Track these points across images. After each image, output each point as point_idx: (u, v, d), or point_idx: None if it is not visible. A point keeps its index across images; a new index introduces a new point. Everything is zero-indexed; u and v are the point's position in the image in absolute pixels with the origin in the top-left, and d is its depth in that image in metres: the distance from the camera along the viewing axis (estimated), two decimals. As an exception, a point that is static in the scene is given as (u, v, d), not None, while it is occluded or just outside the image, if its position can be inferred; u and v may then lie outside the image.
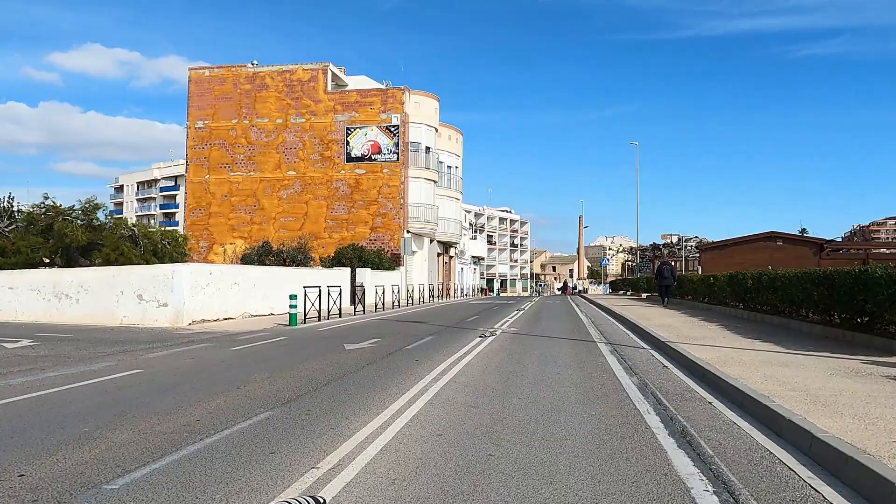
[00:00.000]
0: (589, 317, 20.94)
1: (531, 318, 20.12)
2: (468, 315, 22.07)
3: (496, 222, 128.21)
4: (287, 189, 39.21)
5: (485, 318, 20.11)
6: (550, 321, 19.00)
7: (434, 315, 22.40)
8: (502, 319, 19.28)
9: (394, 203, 38.19)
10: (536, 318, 20.54)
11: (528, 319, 19.64)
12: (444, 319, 19.70)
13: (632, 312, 20.29)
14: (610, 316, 20.95)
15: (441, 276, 49.10)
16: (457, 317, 21.17)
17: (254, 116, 39.74)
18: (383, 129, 38.42)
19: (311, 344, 12.61)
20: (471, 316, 21.47)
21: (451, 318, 20.69)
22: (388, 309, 25.56)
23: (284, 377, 8.31)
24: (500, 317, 20.75)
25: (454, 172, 48.62)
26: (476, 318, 20.10)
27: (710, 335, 12.23)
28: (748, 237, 34.82)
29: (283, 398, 6.95)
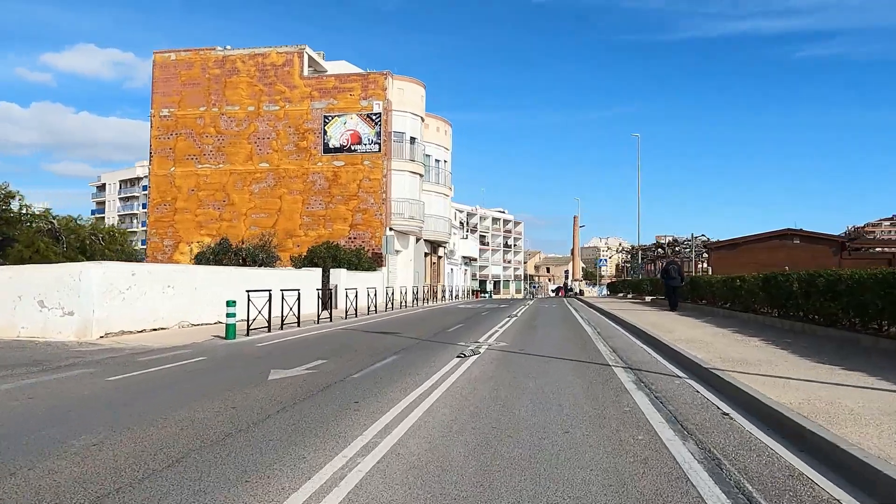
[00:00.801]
0: (592, 325, 17.86)
1: (525, 327, 17.03)
2: (452, 323, 18.96)
3: (489, 222, 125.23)
4: (259, 182, 36.02)
5: (470, 327, 17.01)
6: (548, 331, 15.91)
7: (412, 323, 19.28)
8: (491, 329, 16.18)
9: (375, 198, 35.04)
10: (530, 326, 17.45)
11: (521, 329, 16.54)
12: (423, 329, 16.58)
13: (642, 320, 17.22)
14: (617, 324, 17.87)
15: (429, 277, 45.99)
16: (438, 325, 18.06)
17: (223, 104, 36.53)
18: (364, 118, 35.28)
19: (230, 368, 9.46)
20: (455, 324, 18.36)
21: (431, 326, 17.58)
22: (363, 315, 22.43)
23: (118, 445, 5.13)
24: (489, 325, 17.65)
25: (443, 167, 45.50)
26: (460, 328, 16.99)
27: (762, 357, 9.14)
28: (761, 235, 31.85)
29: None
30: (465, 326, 17.53)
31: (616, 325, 17.77)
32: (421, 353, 11.19)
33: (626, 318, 18.31)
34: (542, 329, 16.48)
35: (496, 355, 10.69)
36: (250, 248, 23.85)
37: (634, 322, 16.53)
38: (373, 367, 9.32)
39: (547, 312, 25.29)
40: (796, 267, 25.68)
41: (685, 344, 10.94)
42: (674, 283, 24.53)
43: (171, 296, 15.55)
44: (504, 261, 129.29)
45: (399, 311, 25.91)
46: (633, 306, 27.51)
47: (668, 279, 24.90)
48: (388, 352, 11.25)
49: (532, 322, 19.07)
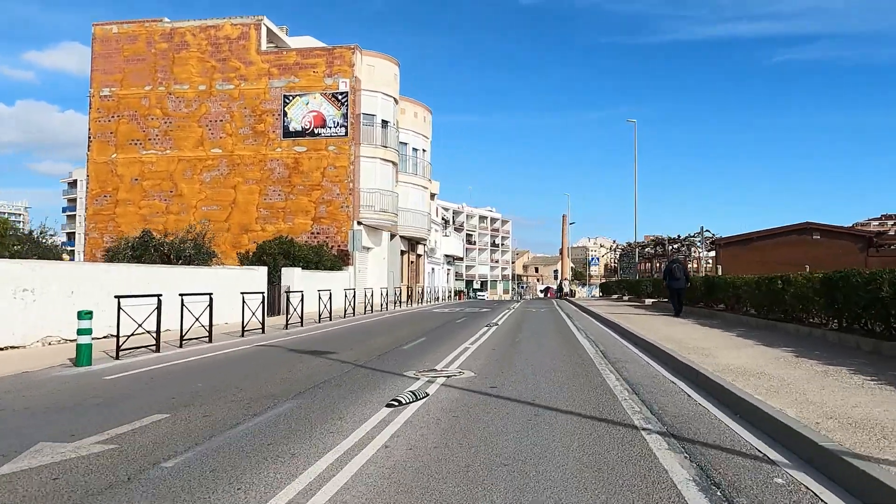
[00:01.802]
0: (591, 338, 14.01)
1: (504, 343, 13.14)
2: (414, 335, 15.06)
3: (476, 220, 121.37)
4: (211, 171, 31.92)
5: (434, 342, 13.12)
6: (534, 349, 12.01)
7: (366, 334, 15.36)
8: (460, 346, 12.28)
9: (341, 188, 31.06)
10: (512, 342, 13.55)
11: (500, 345, 12.65)
12: (372, 344, 12.67)
13: (657, 332, 13.40)
14: (624, 338, 14.03)
15: (407, 277, 42.05)
16: (395, 338, 14.15)
17: (171, 82, 32.41)
18: (329, 98, 31.29)
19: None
20: (416, 337, 14.45)
21: (385, 340, 13.67)
22: (315, 323, 18.51)
23: None
24: (459, 339, 13.77)
25: (422, 156, 41.57)
26: (421, 343, 13.09)
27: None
28: (777, 230, 28.16)
29: None
30: (429, 340, 13.63)
31: (623, 339, 13.90)
32: (336, 395, 7.27)
33: (632, 328, 14.48)
34: (527, 346, 12.57)
35: (451, 402, 6.78)
36: (175, 243, 19.78)
37: (644, 335, 12.71)
38: (224, 437, 5.39)
39: (534, 319, 21.43)
40: (818, 266, 21.96)
41: (743, 380, 7.09)
42: (677, 284, 20.84)
43: (29, 303, 11.52)
44: (491, 260, 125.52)
45: (363, 317, 21.97)
46: (632, 310, 23.73)
47: (672, 280, 21.19)
48: (287, 395, 7.32)
49: (515, 335, 15.16)
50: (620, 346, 12.51)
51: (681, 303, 21.00)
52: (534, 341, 13.45)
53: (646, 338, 12.22)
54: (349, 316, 22.08)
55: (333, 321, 19.75)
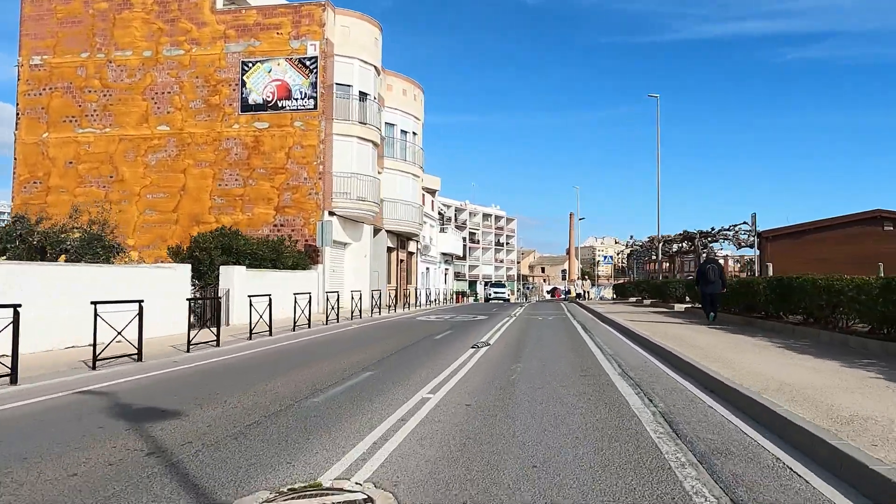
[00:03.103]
0: (639, 381, 8.84)
1: (489, 396, 8.04)
2: (356, 366, 9.99)
3: (479, 218, 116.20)
4: (157, 152, 26.97)
5: (375, 387, 8.04)
6: (542, 421, 6.92)
7: (283, 365, 10.34)
8: (409, 400, 7.19)
9: (310, 171, 26.04)
10: (504, 390, 8.35)
11: (480, 402, 7.56)
12: (269, 390, 7.67)
13: (737, 363, 8.27)
14: (691, 382, 8.87)
15: (396, 278, 37.04)
16: (320, 375, 9.09)
17: (112, 48, 27.47)
18: (295, 64, 26.27)
19: None
20: (353, 373, 9.37)
21: (299, 378, 8.63)
22: (261, 336, 13.56)
23: None
24: (421, 377, 8.69)
25: (412, 140, 36.55)
26: (350, 389, 8.00)
27: None
28: (838, 220, 22.97)
29: None
30: (370, 381, 8.55)
31: (685, 380, 8.69)
32: None
33: (699, 360, 9.36)
34: (528, 399, 7.45)
35: None
36: (52, 232, 14.81)
37: (731, 378, 7.58)
38: None
39: (540, 335, 16.32)
40: (892, 265, 17.07)
41: None
42: (712, 288, 16.89)
43: None
44: (496, 260, 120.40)
45: (323, 329, 16.95)
46: (663, 319, 18.63)
47: (706, 284, 16.89)
48: None
49: (510, 369, 9.98)
50: (688, 395, 7.33)
51: (715, 309, 17.00)
52: (539, 385, 8.32)
53: (735, 384, 7.09)
54: (313, 325, 17.05)
55: (281, 335, 14.74)
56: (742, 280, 15.99)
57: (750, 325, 15.24)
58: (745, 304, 16.30)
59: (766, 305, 14.57)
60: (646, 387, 7.80)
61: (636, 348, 11.99)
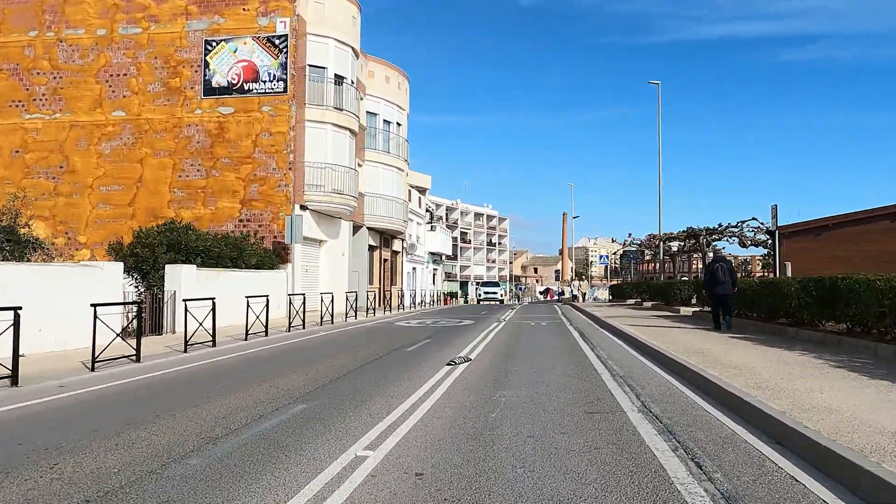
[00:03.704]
0: (671, 425, 6.43)
1: (471, 421, 5.73)
2: (295, 394, 7.66)
3: (471, 218, 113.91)
4: (112, 140, 24.53)
5: (304, 428, 5.69)
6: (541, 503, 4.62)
7: (216, 384, 8.03)
8: (361, 440, 4.89)
9: (279, 161, 23.66)
10: (486, 422, 6.05)
11: (455, 439, 5.25)
12: (176, 428, 5.36)
13: (804, 397, 5.96)
14: (753, 432, 6.51)
15: (378, 278, 34.68)
16: (257, 401, 6.77)
17: (63, 26, 25.03)
18: (262, 43, 23.89)
19: None
20: (300, 397, 7.06)
21: (225, 408, 6.33)
22: (202, 348, 11.23)
23: None
24: (372, 415, 6.36)
25: (396, 132, 34.21)
26: (290, 420, 5.70)
27: None
28: (862, 214, 20.76)
29: None
30: (281, 431, 6.18)
31: (787, 457, 6.37)
32: None
33: (766, 399, 7.06)
34: (510, 482, 5.10)
35: None
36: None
37: (866, 446, 5.30)
38: None
39: (532, 344, 14.00)
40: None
41: None
42: (722, 289, 15.00)
43: None
44: (488, 260, 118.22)
45: (280, 339, 14.60)
46: (670, 325, 16.36)
47: (715, 286, 15.12)
48: None
49: (490, 408, 7.67)
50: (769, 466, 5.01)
51: (729, 313, 15.12)
52: (530, 433, 5.96)
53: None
54: (273, 333, 14.68)
55: (227, 346, 12.39)
56: (766, 281, 13.77)
57: (778, 334, 12.98)
58: (768, 309, 14.04)
59: (798, 311, 12.30)
60: (685, 437, 5.48)
61: (650, 365, 9.68)
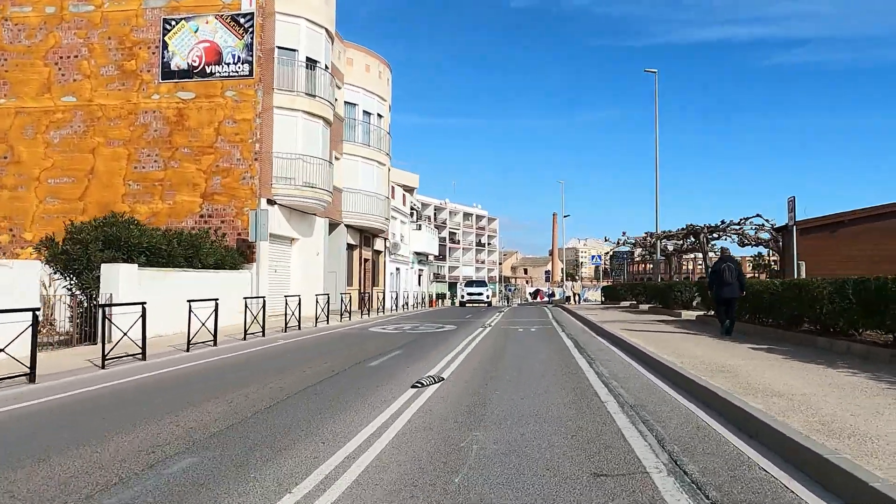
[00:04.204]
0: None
1: (428, 488, 3.78)
2: (213, 428, 5.69)
3: (460, 218, 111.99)
4: (61, 128, 22.40)
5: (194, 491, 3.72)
6: None
7: (87, 426, 6.02)
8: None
9: (244, 150, 21.63)
10: (444, 492, 4.13)
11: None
12: None
13: None
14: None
15: (358, 279, 32.68)
16: (113, 458, 4.76)
17: (7, 3, 22.91)
18: (226, 22, 21.85)
19: None
20: (189, 447, 5.05)
21: (60, 475, 4.30)
22: (131, 362, 9.22)
23: None
24: (303, 463, 4.37)
25: (377, 124, 32.24)
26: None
27: None
28: (883, 208, 19.02)
29: None
30: (191, 474, 4.21)
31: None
32: None
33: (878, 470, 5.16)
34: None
35: None
36: None
37: None
38: None
39: (519, 358, 12.06)
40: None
41: None
42: (729, 292, 13.65)
43: None
44: (477, 261, 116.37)
45: (231, 349, 12.61)
46: (673, 331, 14.49)
47: (722, 287, 13.73)
48: None
49: (455, 464, 5.74)
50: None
51: (732, 318, 13.75)
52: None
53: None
54: (226, 342, 12.66)
55: (162, 359, 10.39)
56: (791, 282, 11.91)
57: (804, 344, 11.13)
58: (790, 314, 12.20)
59: (832, 317, 10.45)
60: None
61: (665, 389, 7.76)
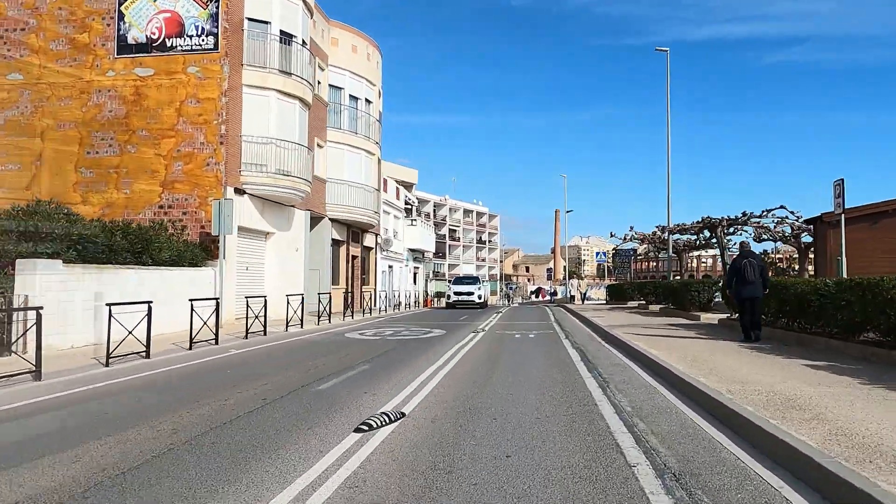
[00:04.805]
0: None
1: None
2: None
3: (460, 215, 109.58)
4: (7, 108, 20.13)
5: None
6: None
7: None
8: None
9: (208, 133, 19.30)
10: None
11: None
12: None
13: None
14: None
15: (346, 278, 30.38)
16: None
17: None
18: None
19: None
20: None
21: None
22: (20, 383, 6.95)
23: None
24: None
25: (366, 110, 29.89)
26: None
27: None
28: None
29: None
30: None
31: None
32: None
33: None
34: None
35: None
36: None
37: None
38: None
39: (511, 377, 9.73)
40: None
41: None
42: (751, 291, 12.07)
43: None
44: (477, 259, 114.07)
45: (165, 362, 10.32)
46: (696, 336, 12.14)
47: (743, 285, 12.15)
48: None
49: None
50: None
51: (757, 323, 12.19)
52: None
53: None
54: (167, 351, 10.34)
55: (73, 377, 8.08)
56: (851, 282, 9.54)
57: (876, 360, 8.79)
58: (847, 322, 9.85)
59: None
60: None
61: (722, 440, 5.39)
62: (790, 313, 12.03)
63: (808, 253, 31.70)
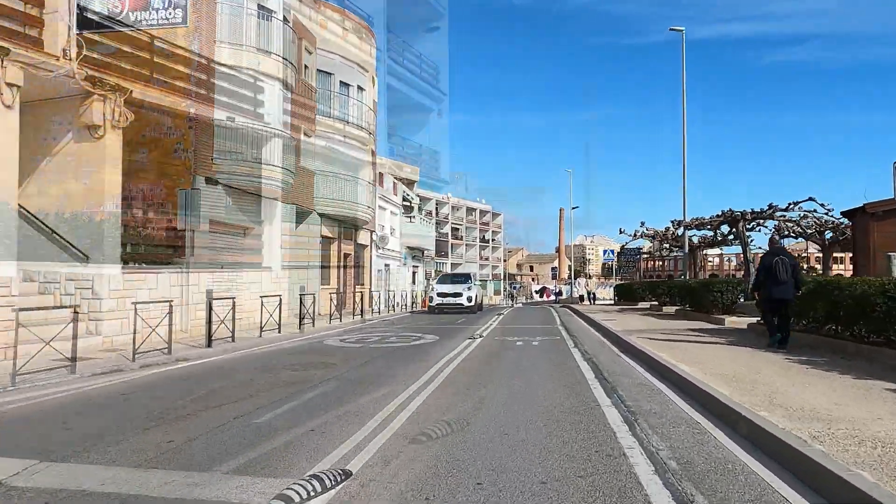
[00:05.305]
0: None
1: None
2: None
3: (463, 213, 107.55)
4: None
5: None
6: None
7: None
8: None
9: (176, 118, 17.38)
10: None
11: None
12: None
13: None
14: None
15: (337, 277, 28.47)
16: None
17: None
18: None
19: None
20: None
21: None
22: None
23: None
24: None
25: (358, 97, 27.96)
26: None
27: None
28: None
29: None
30: None
31: None
32: None
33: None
34: None
35: None
36: None
37: None
38: None
39: (510, 394, 7.77)
40: None
41: None
42: (782, 292, 10.50)
43: None
44: (481, 258, 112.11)
45: (87, 384, 8.38)
46: (731, 342, 10.17)
47: (775, 286, 10.56)
48: None
49: None
50: None
51: (786, 328, 10.71)
52: None
53: None
54: (101, 366, 8.43)
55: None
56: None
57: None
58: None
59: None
60: None
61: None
62: (845, 318, 10.02)
63: (832, 250, 29.65)
